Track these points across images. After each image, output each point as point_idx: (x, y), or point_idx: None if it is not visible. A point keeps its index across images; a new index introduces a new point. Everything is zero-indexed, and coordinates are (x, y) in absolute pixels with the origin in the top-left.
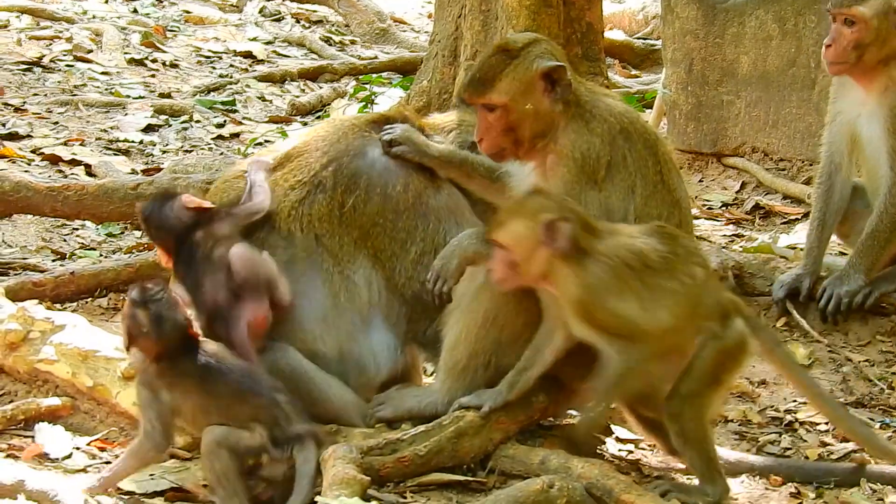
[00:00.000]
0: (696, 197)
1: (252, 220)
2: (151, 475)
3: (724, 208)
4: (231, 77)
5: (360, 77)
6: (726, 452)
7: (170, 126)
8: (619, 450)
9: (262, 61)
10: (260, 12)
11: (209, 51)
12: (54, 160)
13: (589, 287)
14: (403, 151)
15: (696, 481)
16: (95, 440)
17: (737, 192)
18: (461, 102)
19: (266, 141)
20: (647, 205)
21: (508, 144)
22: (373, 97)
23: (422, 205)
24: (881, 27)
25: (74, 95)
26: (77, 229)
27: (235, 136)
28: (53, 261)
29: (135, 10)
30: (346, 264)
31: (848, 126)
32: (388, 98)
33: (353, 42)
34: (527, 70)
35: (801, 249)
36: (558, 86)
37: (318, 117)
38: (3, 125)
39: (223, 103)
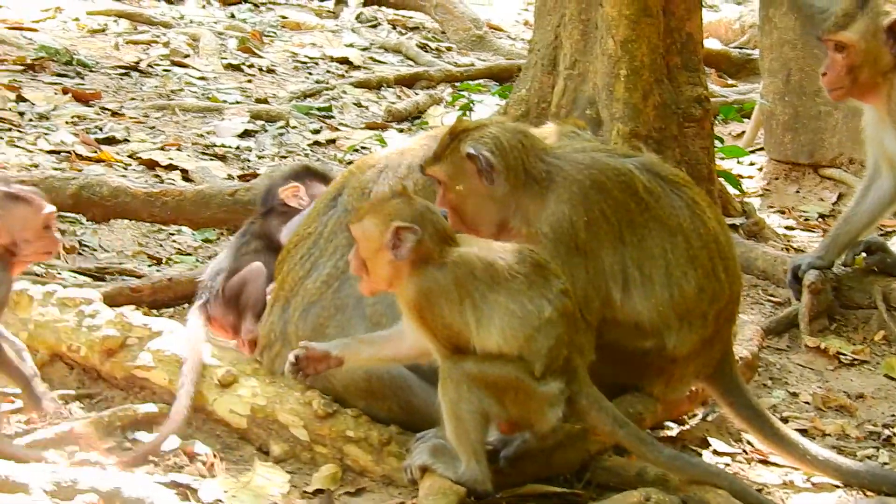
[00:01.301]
0: (793, 208)
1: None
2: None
3: (820, 219)
4: (327, 83)
5: (457, 84)
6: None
7: (266, 132)
8: (716, 463)
9: (358, 67)
10: (356, 18)
11: (306, 56)
12: (151, 165)
13: (425, 290)
14: None
15: None
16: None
17: (833, 204)
18: (420, 170)
19: (363, 147)
20: (641, 248)
21: (459, 223)
22: (471, 105)
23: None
24: (870, 48)
25: (171, 100)
26: (173, 234)
27: (332, 142)
28: (150, 266)
29: (232, 16)
30: None
31: (877, 142)
32: (486, 106)
33: (449, 49)
34: (457, 153)
35: None
36: (488, 170)
37: (415, 124)
38: (100, 129)
39: (319, 109)
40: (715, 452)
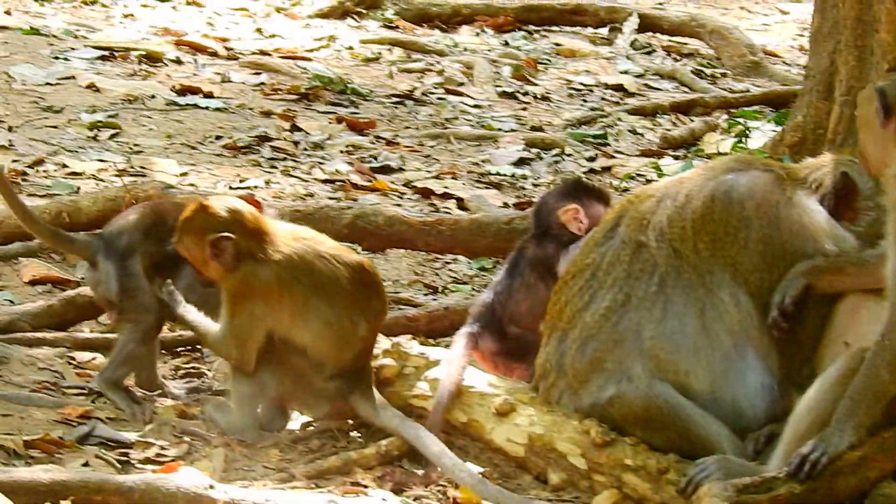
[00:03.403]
0: None
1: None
2: None
3: None
4: (602, 110)
5: (732, 110)
6: None
7: (541, 160)
8: None
9: (632, 94)
10: (631, 45)
11: (580, 83)
12: (426, 194)
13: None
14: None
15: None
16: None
17: None
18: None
19: (638, 175)
20: None
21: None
22: (747, 132)
23: (773, 215)
24: None
25: (446, 128)
26: (448, 263)
27: (607, 169)
28: (426, 295)
29: (506, 43)
30: (706, 276)
31: None
32: (762, 132)
33: (724, 75)
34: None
35: None
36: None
37: (690, 151)
38: (375, 158)
39: (594, 136)
40: None
